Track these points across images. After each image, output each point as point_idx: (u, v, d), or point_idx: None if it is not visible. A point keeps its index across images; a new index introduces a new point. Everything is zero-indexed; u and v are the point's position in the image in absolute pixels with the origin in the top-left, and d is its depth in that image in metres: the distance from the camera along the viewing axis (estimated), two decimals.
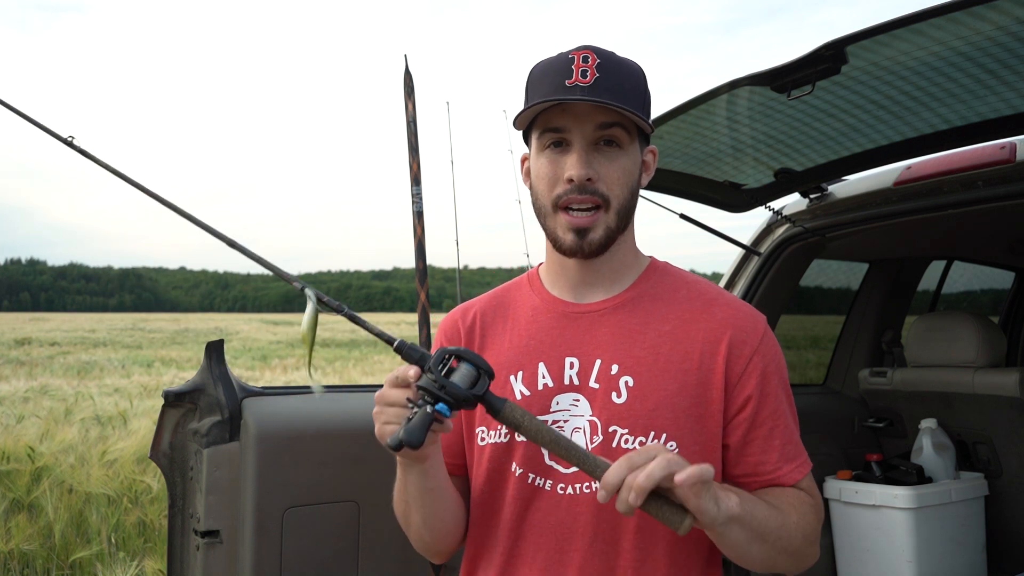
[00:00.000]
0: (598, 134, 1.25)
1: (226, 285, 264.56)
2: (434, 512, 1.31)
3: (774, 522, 1.20)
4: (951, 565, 2.74)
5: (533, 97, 1.27)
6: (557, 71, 1.24)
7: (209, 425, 1.91)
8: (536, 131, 1.29)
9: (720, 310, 1.30)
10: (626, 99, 1.23)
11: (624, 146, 1.26)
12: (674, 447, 1.24)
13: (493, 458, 1.31)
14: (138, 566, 3.95)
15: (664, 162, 2.39)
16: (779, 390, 1.29)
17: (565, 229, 1.27)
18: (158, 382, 12.65)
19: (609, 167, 1.25)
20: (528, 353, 1.33)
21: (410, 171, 2.23)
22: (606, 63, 1.23)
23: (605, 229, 1.27)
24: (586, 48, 1.25)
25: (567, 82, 1.22)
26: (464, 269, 2.49)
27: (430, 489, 1.28)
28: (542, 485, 1.28)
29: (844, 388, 3.37)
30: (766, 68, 1.80)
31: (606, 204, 1.26)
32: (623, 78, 1.24)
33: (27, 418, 7.16)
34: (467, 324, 1.42)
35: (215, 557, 1.90)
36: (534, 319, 1.36)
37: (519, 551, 1.29)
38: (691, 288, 1.35)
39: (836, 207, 2.59)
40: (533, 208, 1.33)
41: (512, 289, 1.45)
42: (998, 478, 2.93)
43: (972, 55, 1.71)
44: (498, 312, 1.41)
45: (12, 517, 4.57)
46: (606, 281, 1.34)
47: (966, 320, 2.94)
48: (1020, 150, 2.12)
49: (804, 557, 1.27)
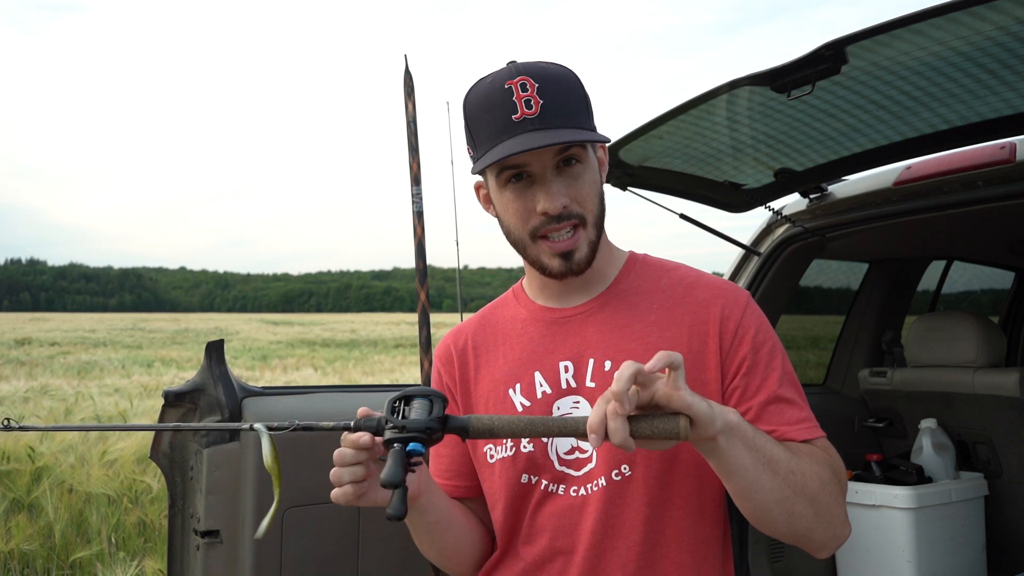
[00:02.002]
0: (557, 159, 1.24)
1: (226, 285, 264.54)
2: (446, 542, 1.35)
3: (783, 454, 1.14)
4: (951, 565, 2.74)
5: (482, 135, 1.24)
6: (499, 106, 1.21)
7: None
8: (493, 168, 1.26)
9: (702, 290, 1.32)
10: (574, 118, 1.22)
11: (583, 160, 1.26)
12: None
13: (503, 473, 1.32)
14: (138, 566, 3.95)
15: (664, 162, 2.39)
16: (773, 356, 1.27)
17: (550, 256, 1.27)
18: (158, 382, 12.65)
19: (576, 185, 1.25)
20: (523, 364, 1.34)
21: (410, 171, 2.23)
22: (545, 85, 1.21)
23: (588, 244, 1.27)
24: (519, 73, 1.22)
25: (514, 117, 1.20)
26: (464, 269, 2.49)
27: (435, 523, 1.31)
28: (555, 491, 1.29)
29: (844, 388, 3.37)
30: (766, 68, 1.80)
31: (583, 222, 1.26)
32: (565, 96, 1.23)
33: (27, 418, 7.16)
34: (459, 348, 1.43)
35: (215, 557, 1.90)
36: (524, 331, 1.37)
37: (538, 557, 1.30)
38: (671, 275, 1.36)
39: (836, 207, 2.59)
40: (507, 238, 1.32)
41: (499, 307, 1.45)
42: (998, 478, 2.93)
43: (972, 55, 1.71)
44: (488, 332, 1.42)
45: (12, 517, 4.57)
46: (588, 284, 1.36)
47: (966, 320, 2.94)
48: (1020, 150, 2.12)
49: (828, 514, 1.18)
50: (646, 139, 2.20)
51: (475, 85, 1.28)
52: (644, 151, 2.30)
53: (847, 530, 1.23)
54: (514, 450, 1.30)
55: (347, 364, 18.97)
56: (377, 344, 30.13)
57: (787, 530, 1.18)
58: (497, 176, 1.26)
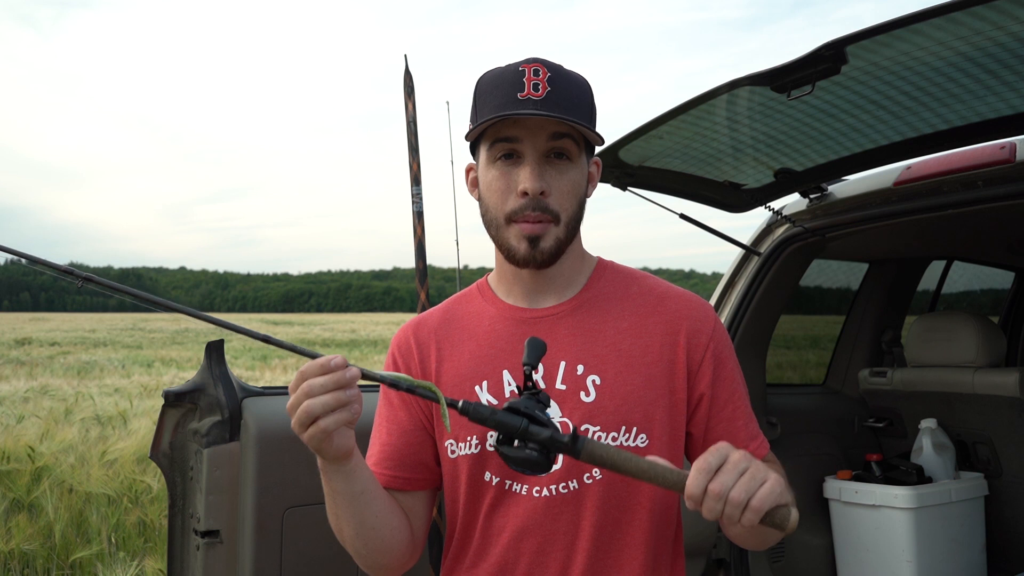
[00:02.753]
0: (549, 145, 1.26)
1: (226, 285, 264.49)
2: (364, 519, 1.26)
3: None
4: (951, 565, 2.74)
5: (484, 109, 1.27)
6: (508, 84, 1.25)
7: (209, 425, 1.91)
8: (486, 142, 1.29)
9: (673, 303, 1.36)
10: (576, 113, 1.25)
11: (573, 159, 1.29)
12: (645, 440, 1.28)
13: (467, 470, 1.31)
14: (138, 566, 3.95)
15: (664, 162, 2.39)
16: (734, 374, 1.37)
17: (519, 238, 1.28)
18: (158, 382, 12.64)
19: (560, 180, 1.28)
20: (490, 362, 1.34)
21: (410, 171, 2.23)
22: (556, 77, 1.25)
23: (555, 240, 1.29)
24: (536, 61, 1.26)
25: (519, 95, 1.23)
26: (464, 269, 2.49)
27: (359, 493, 1.23)
28: (519, 490, 1.29)
29: (844, 388, 3.37)
30: (766, 68, 1.80)
31: (556, 219, 1.28)
32: (573, 93, 1.27)
33: (27, 418, 7.16)
34: (420, 339, 1.41)
35: (215, 557, 1.90)
36: (492, 328, 1.37)
37: (501, 557, 1.30)
38: (641, 284, 1.39)
39: (836, 207, 2.59)
40: (483, 219, 1.34)
41: (463, 302, 1.45)
42: (998, 478, 2.93)
43: (972, 55, 1.71)
44: (453, 325, 1.41)
45: (12, 517, 4.57)
46: (558, 287, 1.37)
47: (966, 320, 2.94)
48: (1020, 150, 2.12)
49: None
50: (646, 139, 2.20)
51: (491, 69, 1.32)
52: (644, 151, 2.30)
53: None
54: (479, 448, 1.30)
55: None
56: (377, 344, 30.13)
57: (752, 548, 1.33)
58: (489, 148, 1.29)
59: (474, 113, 1.32)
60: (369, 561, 1.32)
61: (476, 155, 1.36)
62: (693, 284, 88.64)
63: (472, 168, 1.39)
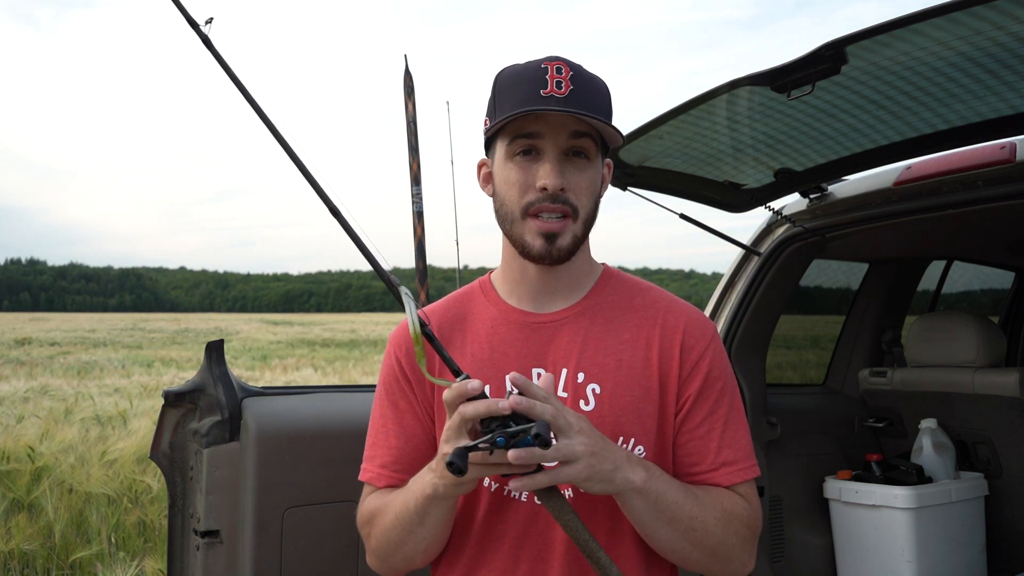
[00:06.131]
0: (570, 143, 1.26)
1: (226, 285, 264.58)
2: (437, 536, 1.29)
3: (688, 511, 1.22)
4: (951, 565, 2.74)
5: (505, 104, 1.27)
6: (530, 80, 1.24)
7: (209, 425, 1.91)
8: (506, 137, 1.29)
9: (675, 317, 1.35)
10: (598, 112, 1.25)
11: (591, 158, 1.29)
12: (642, 451, 1.28)
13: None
14: (138, 566, 3.95)
15: (664, 162, 2.39)
16: (722, 396, 1.33)
17: (535, 235, 1.28)
18: (158, 382, 12.65)
19: (579, 177, 1.27)
20: (492, 366, 1.33)
21: (410, 171, 2.23)
22: (578, 76, 1.25)
23: (572, 237, 1.29)
24: (558, 59, 1.26)
25: (542, 92, 1.23)
26: (464, 269, 2.49)
27: (449, 520, 1.28)
28: (518, 497, 1.29)
29: (844, 388, 3.37)
30: (766, 68, 1.80)
31: (575, 214, 1.28)
32: (593, 92, 1.27)
33: (27, 418, 7.16)
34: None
35: (215, 557, 1.90)
36: (494, 331, 1.36)
37: (501, 564, 1.30)
38: (646, 295, 1.39)
39: (836, 207, 2.59)
40: (497, 214, 1.34)
41: (465, 300, 1.44)
42: (998, 478, 2.93)
43: (972, 55, 1.71)
44: (455, 324, 1.40)
45: (12, 517, 4.57)
46: (565, 289, 1.36)
47: (966, 320, 2.94)
48: (1020, 150, 2.12)
49: (726, 560, 1.27)
50: (646, 139, 2.20)
51: (511, 65, 1.31)
52: (644, 151, 2.30)
53: (747, 569, 1.31)
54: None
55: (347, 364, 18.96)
56: (377, 344, 30.13)
57: (681, 566, 1.32)
58: (509, 143, 1.28)
59: (492, 108, 1.31)
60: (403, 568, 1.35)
61: (491, 150, 1.34)
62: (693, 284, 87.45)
63: (485, 163, 1.38)
